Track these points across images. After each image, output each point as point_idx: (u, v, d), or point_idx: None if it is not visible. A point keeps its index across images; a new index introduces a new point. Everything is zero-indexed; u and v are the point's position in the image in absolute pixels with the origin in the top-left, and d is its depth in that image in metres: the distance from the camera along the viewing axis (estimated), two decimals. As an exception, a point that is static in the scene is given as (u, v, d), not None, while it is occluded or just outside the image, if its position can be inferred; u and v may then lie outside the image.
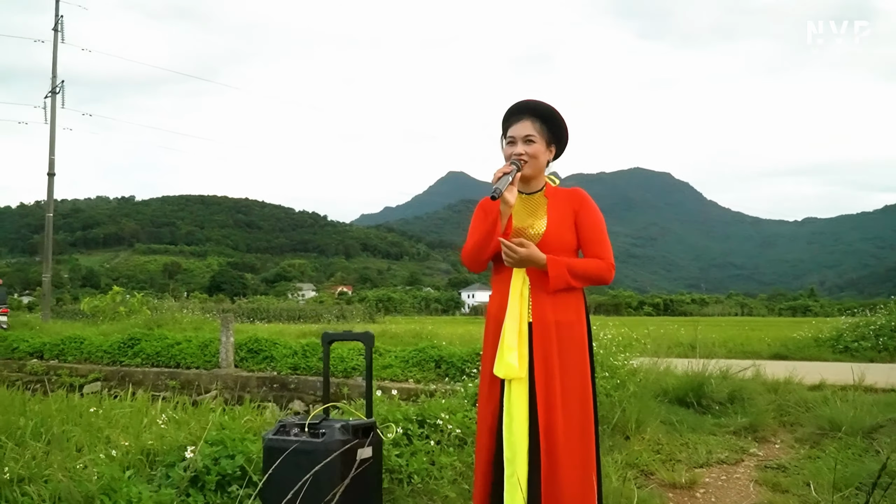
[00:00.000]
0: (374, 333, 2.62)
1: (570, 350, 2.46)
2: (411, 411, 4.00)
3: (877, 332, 11.84)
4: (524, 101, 2.59)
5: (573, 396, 2.44)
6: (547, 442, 2.38)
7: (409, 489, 3.32)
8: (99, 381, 9.64)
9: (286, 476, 2.28)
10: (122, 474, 2.73)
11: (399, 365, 8.36)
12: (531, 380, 2.43)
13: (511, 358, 2.39)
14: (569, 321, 2.48)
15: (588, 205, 2.57)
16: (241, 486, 2.83)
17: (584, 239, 2.54)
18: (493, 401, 2.51)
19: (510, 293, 2.48)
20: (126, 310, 19.65)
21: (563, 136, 2.63)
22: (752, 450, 4.93)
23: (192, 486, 2.81)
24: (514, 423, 2.41)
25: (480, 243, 2.49)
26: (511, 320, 2.44)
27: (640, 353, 7.89)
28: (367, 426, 2.47)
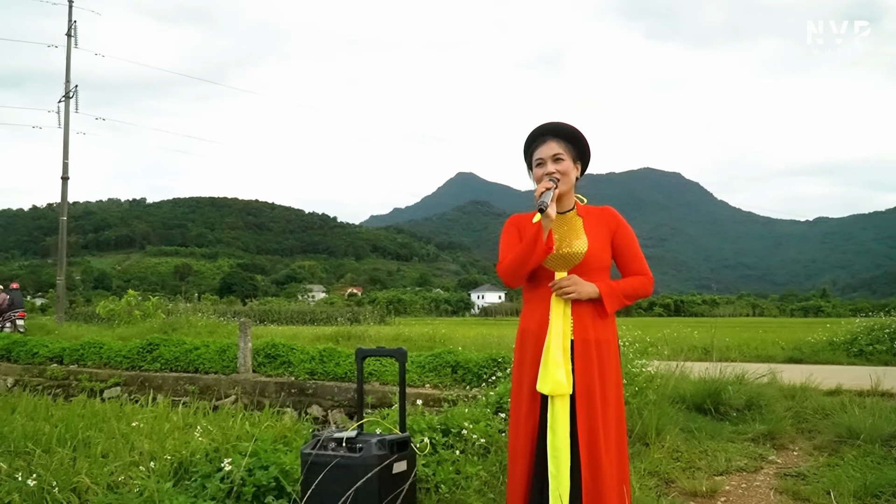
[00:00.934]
0: (406, 350, 2.68)
1: (608, 367, 2.54)
2: (435, 421, 4.07)
3: (892, 336, 11.81)
4: (545, 125, 2.68)
5: (611, 412, 2.52)
6: (589, 457, 2.45)
7: (437, 499, 3.39)
8: (119, 387, 9.74)
9: (325, 490, 2.35)
10: (163, 486, 2.81)
11: (415, 371, 8.43)
12: (573, 395, 2.50)
13: (559, 375, 2.46)
14: (607, 339, 2.57)
15: (623, 224, 2.70)
16: (275, 496, 2.91)
17: (623, 257, 2.67)
18: (533, 417, 2.56)
19: (552, 311, 2.55)
20: (141, 313, 19.85)
21: (585, 153, 2.72)
22: (770, 457, 4.97)
23: (227, 497, 2.88)
24: (557, 439, 2.47)
25: (521, 257, 2.53)
26: (556, 337, 2.51)
27: (655, 357, 7.93)
28: (402, 441, 2.54)
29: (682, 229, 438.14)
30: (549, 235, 2.51)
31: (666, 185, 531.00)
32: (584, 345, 2.52)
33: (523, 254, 2.52)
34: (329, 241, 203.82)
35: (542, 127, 2.69)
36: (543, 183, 2.50)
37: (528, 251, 2.50)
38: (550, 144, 2.63)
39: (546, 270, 2.60)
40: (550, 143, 2.64)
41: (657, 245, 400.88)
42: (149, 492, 2.67)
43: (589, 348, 2.52)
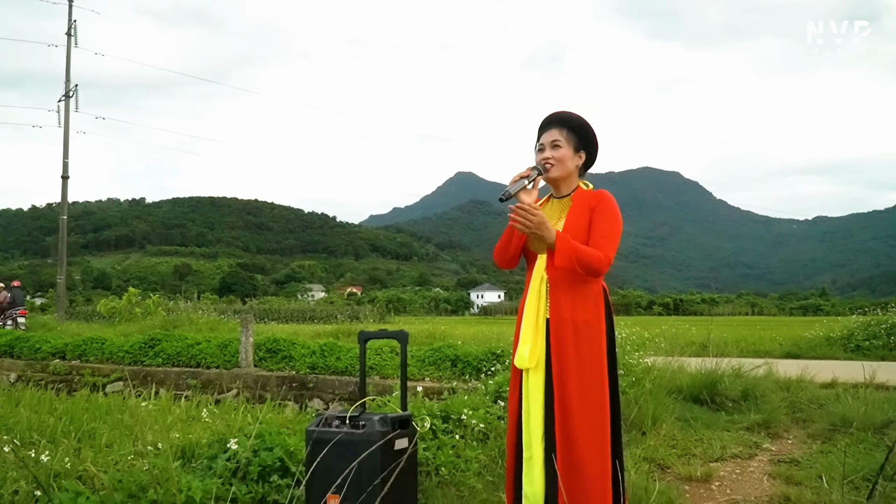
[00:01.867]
0: (407, 332, 2.77)
1: (586, 346, 2.59)
2: (435, 407, 4.15)
3: (888, 331, 11.91)
4: (554, 113, 2.80)
5: (591, 389, 2.58)
6: (563, 428, 2.54)
7: (437, 481, 3.47)
8: (121, 381, 9.83)
9: (329, 466, 2.43)
10: (171, 464, 2.89)
11: (416, 364, 8.51)
12: (548, 372, 2.60)
13: (524, 350, 2.61)
14: (587, 320, 2.61)
15: (605, 203, 2.68)
16: (280, 476, 2.99)
17: (591, 232, 2.60)
18: (517, 390, 2.71)
19: (529, 290, 2.69)
20: (142, 311, 19.92)
21: (591, 142, 2.81)
22: (765, 445, 5.06)
23: (233, 476, 2.96)
24: (530, 412, 2.61)
25: (503, 242, 2.75)
26: (529, 316, 2.65)
27: (653, 351, 8.02)
28: (404, 418, 2.62)
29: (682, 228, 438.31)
30: None
31: (665, 185, 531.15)
32: (559, 324, 2.59)
33: (504, 239, 2.74)
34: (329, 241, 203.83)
35: (550, 115, 2.81)
36: (520, 172, 2.61)
37: (507, 236, 2.72)
38: (552, 132, 2.75)
39: (534, 253, 2.74)
40: (553, 130, 2.75)
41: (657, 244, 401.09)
42: (158, 470, 2.75)
43: (564, 327, 2.58)
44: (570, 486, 2.52)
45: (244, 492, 2.86)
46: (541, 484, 2.57)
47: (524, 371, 2.65)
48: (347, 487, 2.36)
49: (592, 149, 2.82)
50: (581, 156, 2.78)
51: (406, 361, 2.78)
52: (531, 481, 2.57)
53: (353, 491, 2.38)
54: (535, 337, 2.63)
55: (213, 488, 2.77)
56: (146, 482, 2.70)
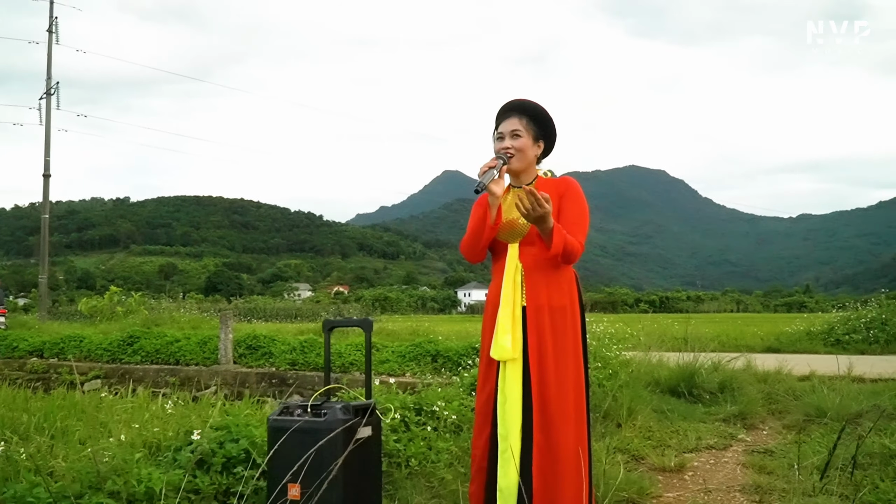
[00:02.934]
0: (372, 320, 2.74)
1: (563, 333, 2.58)
2: (409, 399, 4.13)
3: (867, 325, 12.00)
4: (512, 101, 2.74)
5: (567, 377, 2.56)
6: (542, 418, 2.51)
7: (407, 472, 3.45)
8: (99, 379, 9.73)
9: (290, 454, 2.40)
10: (133, 456, 2.85)
11: (396, 360, 8.49)
12: (526, 361, 2.56)
13: (505, 340, 2.53)
14: (562, 305, 2.61)
15: (572, 191, 2.68)
16: (245, 467, 2.95)
17: (561, 219, 2.59)
18: (489, 382, 2.64)
19: (504, 279, 2.62)
20: (124, 310, 19.72)
21: (550, 131, 2.77)
22: (740, 436, 5.07)
23: (198, 468, 2.92)
24: (507, 403, 2.55)
25: (474, 234, 2.64)
26: (505, 305, 2.58)
27: (633, 345, 8.04)
28: (367, 407, 2.59)
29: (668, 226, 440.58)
30: (498, 212, 2.58)
31: (651, 183, 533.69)
32: (537, 311, 2.57)
33: (475, 229, 2.63)
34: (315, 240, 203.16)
35: (509, 103, 2.75)
36: (488, 162, 2.55)
37: (479, 227, 2.61)
38: (512, 120, 2.70)
39: (503, 244, 2.68)
40: (513, 119, 2.70)
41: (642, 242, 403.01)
42: (117, 461, 2.71)
43: (542, 314, 2.57)
44: (547, 477, 2.50)
45: (207, 483, 2.82)
46: (515, 477, 2.53)
47: (501, 362, 2.60)
48: (308, 476, 2.32)
49: (551, 138, 2.78)
50: (540, 145, 2.75)
51: (370, 349, 2.75)
52: (506, 474, 2.51)
53: (313, 480, 2.34)
54: (513, 327, 2.58)
55: (175, 479, 2.74)
56: (105, 473, 2.66)
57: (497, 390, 2.58)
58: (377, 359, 8.54)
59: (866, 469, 3.86)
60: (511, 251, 2.65)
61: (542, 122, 2.73)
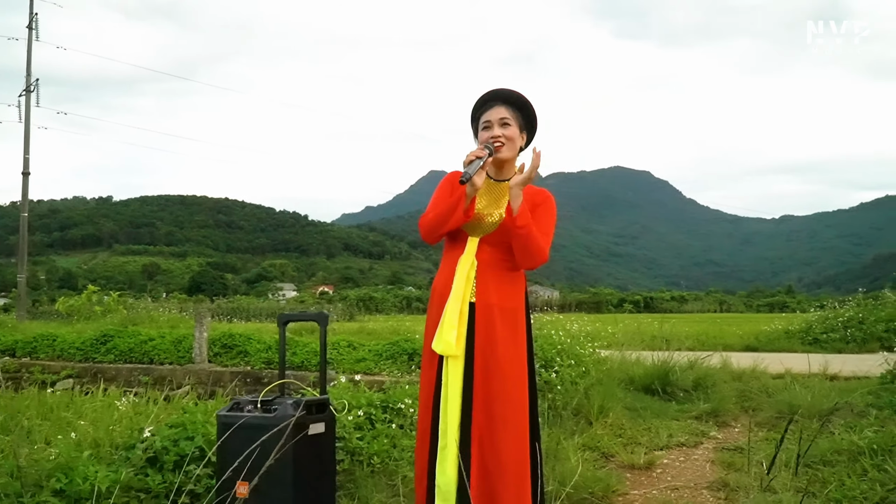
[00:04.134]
0: (328, 314, 2.68)
1: (511, 334, 2.53)
2: (375, 397, 4.07)
3: (845, 324, 12.07)
4: (496, 90, 2.66)
5: (513, 376, 2.51)
6: (485, 416, 2.45)
7: (370, 470, 3.39)
8: (71, 378, 9.57)
9: (240, 451, 2.32)
10: (80, 454, 2.77)
11: (373, 358, 8.41)
12: (470, 358, 2.49)
13: (450, 336, 2.46)
14: (512, 307, 2.56)
15: (548, 203, 2.63)
16: (199, 465, 2.88)
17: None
18: (432, 375, 2.57)
19: (456, 273, 2.54)
20: (102, 309, 19.49)
21: (533, 122, 2.70)
22: (712, 433, 5.06)
23: (150, 466, 2.85)
24: (448, 399, 2.48)
25: (441, 217, 2.53)
26: (454, 300, 2.50)
27: (609, 344, 8.02)
28: (321, 402, 2.53)
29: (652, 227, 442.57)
30: (472, 203, 2.51)
31: (636, 184, 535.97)
32: (485, 309, 2.51)
33: (443, 215, 2.52)
34: (300, 240, 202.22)
35: (492, 92, 2.66)
36: (475, 150, 2.45)
37: (448, 214, 2.50)
38: (499, 109, 2.61)
39: (464, 234, 2.60)
40: (499, 107, 2.61)
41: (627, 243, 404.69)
42: (63, 458, 2.63)
43: (490, 313, 2.51)
44: (488, 475, 2.44)
45: (158, 481, 2.75)
46: (454, 474, 2.47)
47: (444, 358, 2.52)
48: (256, 473, 2.26)
49: (533, 131, 2.71)
50: (524, 137, 2.67)
51: (325, 343, 2.69)
52: (444, 471, 2.46)
53: (262, 477, 2.28)
54: (460, 323, 2.51)
55: (123, 478, 2.66)
56: (50, 471, 2.58)
57: (440, 385, 2.52)
58: (353, 357, 8.46)
59: (834, 466, 3.85)
60: (470, 245, 2.58)
61: (527, 114, 2.66)
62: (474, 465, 2.44)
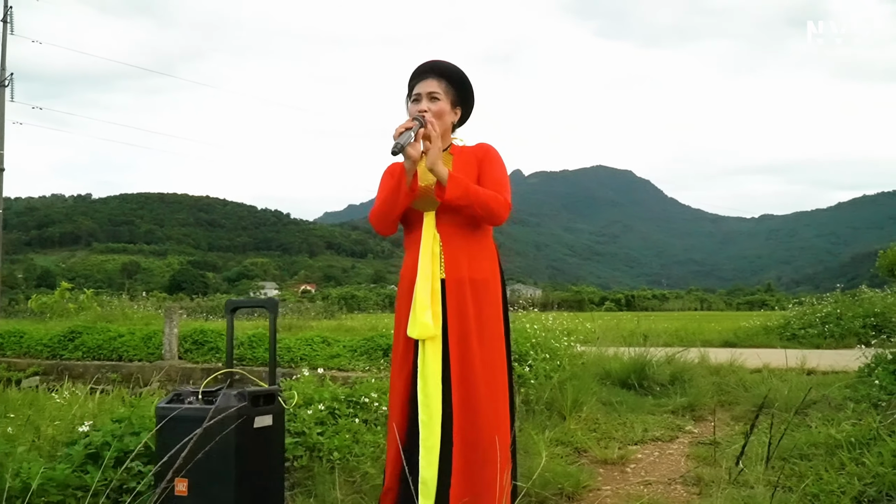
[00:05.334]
0: (277, 300, 2.53)
1: (485, 308, 2.40)
2: (340, 391, 3.92)
3: (823, 320, 12.09)
4: (430, 61, 2.54)
5: (491, 355, 2.38)
6: (463, 402, 2.31)
7: (330, 466, 3.24)
8: (38, 376, 9.33)
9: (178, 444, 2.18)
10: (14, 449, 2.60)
11: (347, 354, 8.25)
12: (445, 339, 2.36)
13: (426, 317, 2.32)
14: (484, 278, 2.43)
15: (491, 155, 2.51)
16: (145, 462, 2.72)
17: (482, 182, 2.43)
18: (407, 364, 2.44)
19: (421, 251, 2.41)
20: (75, 307, 19.13)
21: (468, 97, 2.58)
22: (688, 427, 4.96)
23: (91, 462, 2.68)
24: (428, 385, 2.34)
25: (388, 202, 2.42)
26: (423, 279, 2.37)
27: (586, 339, 7.91)
28: (268, 394, 2.38)
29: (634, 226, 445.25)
30: (414, 178, 2.38)
31: (618, 183, 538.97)
32: (457, 284, 2.38)
33: (388, 198, 2.41)
34: (282, 238, 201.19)
35: (426, 64, 2.55)
36: (404, 123, 2.32)
37: (394, 195, 2.39)
38: (430, 82, 2.50)
39: (418, 213, 2.47)
40: (430, 80, 2.50)
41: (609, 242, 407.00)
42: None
43: (462, 288, 2.38)
44: (468, 464, 2.31)
45: (97, 479, 2.58)
46: (436, 467, 2.34)
47: (420, 342, 2.39)
48: (196, 469, 2.10)
49: (469, 105, 2.59)
50: (457, 112, 2.56)
51: (275, 331, 2.54)
52: (429, 464, 2.31)
53: (202, 473, 2.13)
54: (433, 302, 2.38)
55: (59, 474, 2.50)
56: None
57: (416, 373, 2.38)
58: (326, 353, 8.31)
59: (811, 460, 3.75)
60: (427, 220, 2.44)
61: (461, 87, 2.54)
62: (456, 456, 2.30)
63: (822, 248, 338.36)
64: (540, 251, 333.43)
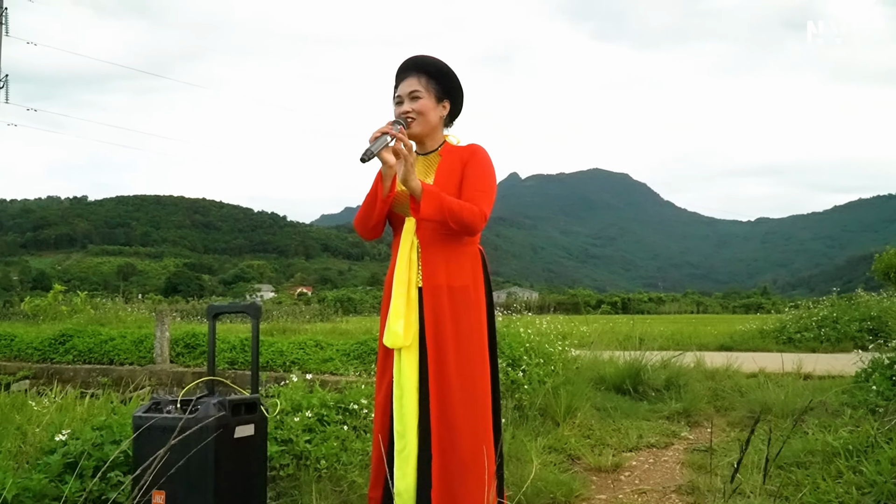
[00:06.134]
0: (260, 305, 2.46)
1: (464, 315, 2.33)
2: (329, 397, 3.85)
3: (819, 324, 12.04)
4: (410, 58, 2.46)
5: (470, 364, 2.31)
6: (440, 413, 2.25)
7: (317, 475, 3.17)
8: (28, 380, 9.23)
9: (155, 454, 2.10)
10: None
11: (340, 358, 8.18)
12: (423, 348, 2.30)
13: (397, 326, 2.27)
14: (463, 285, 2.35)
15: (477, 157, 2.42)
16: (125, 471, 2.65)
17: (463, 186, 2.35)
18: (387, 373, 2.39)
19: (398, 257, 2.36)
20: (69, 309, 19.01)
21: (455, 88, 2.49)
22: (683, 433, 4.90)
23: (69, 472, 2.61)
24: (404, 396, 2.29)
25: (367, 205, 2.38)
26: (399, 286, 2.31)
27: (580, 343, 7.84)
28: (250, 402, 2.31)
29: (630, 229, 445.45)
30: (392, 183, 2.32)
31: (614, 186, 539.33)
32: (434, 292, 2.32)
33: (366, 204, 2.36)
34: (279, 241, 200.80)
35: (406, 61, 2.47)
36: (382, 127, 2.23)
37: (371, 201, 2.35)
38: (410, 80, 2.42)
39: (401, 218, 2.42)
40: (411, 79, 2.42)
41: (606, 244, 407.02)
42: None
43: (439, 295, 2.31)
44: (449, 477, 2.24)
45: (75, 489, 2.51)
46: (413, 477, 2.28)
47: (396, 351, 2.33)
48: (174, 480, 2.03)
49: (457, 96, 2.50)
50: (445, 105, 2.47)
51: (258, 337, 2.47)
52: (404, 476, 2.26)
53: (180, 484, 2.06)
54: (408, 310, 2.32)
55: (35, 485, 2.42)
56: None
57: (393, 383, 2.32)
58: (319, 357, 8.23)
59: (808, 468, 3.69)
60: (407, 225, 2.38)
61: (445, 80, 2.45)
62: (435, 468, 2.24)
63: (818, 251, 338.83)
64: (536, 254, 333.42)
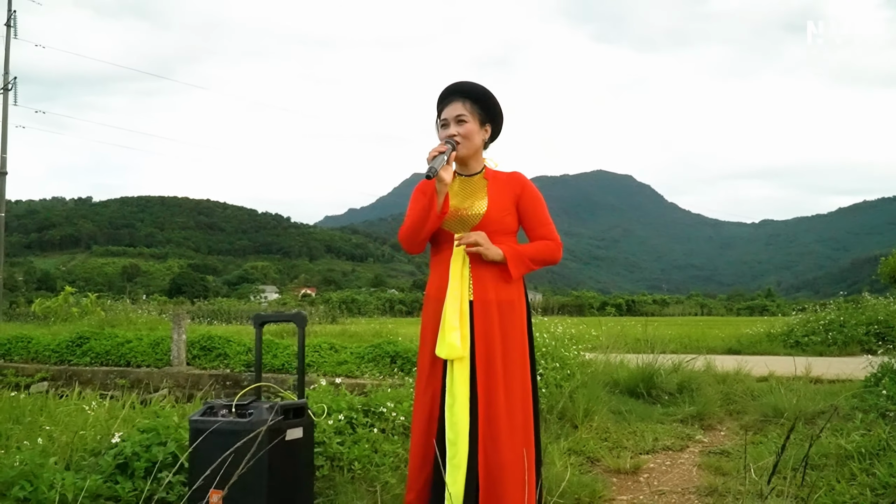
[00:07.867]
0: (305, 314, 2.58)
1: (510, 329, 2.47)
2: (356, 401, 3.97)
3: (826, 327, 12.12)
4: (454, 84, 2.59)
5: (514, 375, 2.45)
6: (487, 421, 2.38)
7: (350, 476, 3.29)
8: (46, 381, 9.38)
9: (212, 457, 2.22)
10: (47, 460, 2.65)
11: (354, 361, 8.31)
12: (472, 359, 2.42)
13: (453, 338, 2.38)
14: (510, 300, 2.50)
15: (529, 188, 2.61)
16: (172, 472, 2.77)
17: (529, 222, 2.58)
18: (434, 383, 2.50)
19: (450, 273, 2.48)
20: (79, 311, 19.17)
21: (496, 114, 2.63)
22: (697, 437, 5.00)
23: (120, 473, 2.73)
24: (456, 404, 2.40)
25: (417, 223, 2.48)
26: (452, 300, 2.43)
27: (592, 346, 7.95)
28: (298, 407, 2.44)
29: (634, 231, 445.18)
30: (445, 200, 2.45)
31: (618, 188, 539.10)
32: (485, 306, 2.45)
33: (418, 219, 2.47)
34: (283, 242, 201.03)
35: (451, 86, 2.60)
36: (437, 147, 2.40)
37: (423, 216, 2.46)
38: (455, 105, 2.55)
39: (447, 234, 2.55)
40: (456, 103, 2.55)
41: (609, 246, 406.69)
42: (29, 465, 2.51)
43: (489, 309, 2.45)
44: (494, 482, 2.36)
45: (128, 489, 2.63)
46: (462, 484, 2.39)
47: (449, 362, 2.45)
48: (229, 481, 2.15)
49: (498, 121, 2.65)
50: (487, 129, 2.61)
51: (304, 346, 2.59)
52: (455, 481, 2.36)
53: (235, 485, 2.18)
54: (461, 323, 2.44)
55: (91, 485, 2.55)
56: (13, 478, 2.46)
57: (444, 391, 2.43)
58: (334, 360, 8.36)
59: (822, 470, 3.80)
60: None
61: (487, 105, 2.59)
62: (482, 474, 2.37)
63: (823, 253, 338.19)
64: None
